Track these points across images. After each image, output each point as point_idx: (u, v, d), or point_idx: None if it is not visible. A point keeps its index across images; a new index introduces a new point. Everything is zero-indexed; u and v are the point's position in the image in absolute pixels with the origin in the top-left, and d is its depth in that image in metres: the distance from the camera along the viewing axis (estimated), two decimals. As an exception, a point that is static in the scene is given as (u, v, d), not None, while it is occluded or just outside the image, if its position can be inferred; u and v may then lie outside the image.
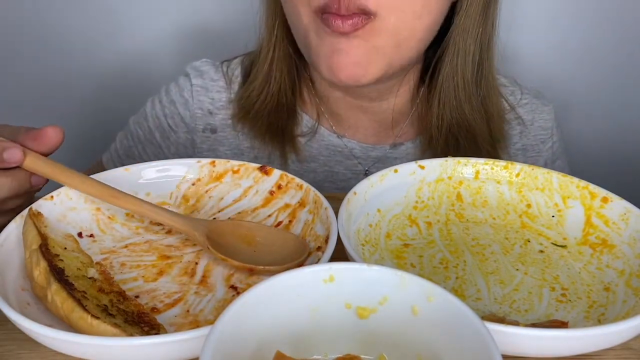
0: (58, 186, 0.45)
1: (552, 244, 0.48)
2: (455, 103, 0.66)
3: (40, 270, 0.37)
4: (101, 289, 0.39)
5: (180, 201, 0.51)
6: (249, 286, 0.33)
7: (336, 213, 0.43)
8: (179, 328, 0.37)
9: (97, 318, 0.33)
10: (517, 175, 0.52)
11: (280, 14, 0.65)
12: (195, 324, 0.38)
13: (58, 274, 0.37)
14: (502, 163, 0.52)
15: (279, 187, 0.50)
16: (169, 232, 0.47)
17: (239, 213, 0.50)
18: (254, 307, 0.28)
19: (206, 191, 0.51)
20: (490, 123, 0.69)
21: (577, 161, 0.83)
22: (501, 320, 0.36)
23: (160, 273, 0.43)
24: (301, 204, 0.48)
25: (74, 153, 0.90)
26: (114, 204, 0.44)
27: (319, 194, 0.46)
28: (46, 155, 0.45)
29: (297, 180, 0.49)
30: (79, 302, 0.35)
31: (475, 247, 0.47)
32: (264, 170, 0.51)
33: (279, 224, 0.48)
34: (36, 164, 0.43)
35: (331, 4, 0.54)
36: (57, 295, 0.35)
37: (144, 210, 0.44)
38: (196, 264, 0.44)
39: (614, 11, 0.98)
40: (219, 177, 0.52)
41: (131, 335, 0.33)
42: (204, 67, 0.74)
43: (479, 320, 0.27)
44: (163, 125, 0.73)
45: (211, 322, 0.30)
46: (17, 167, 0.43)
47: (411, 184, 0.51)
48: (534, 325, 0.36)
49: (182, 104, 0.73)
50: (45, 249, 0.39)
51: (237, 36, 0.74)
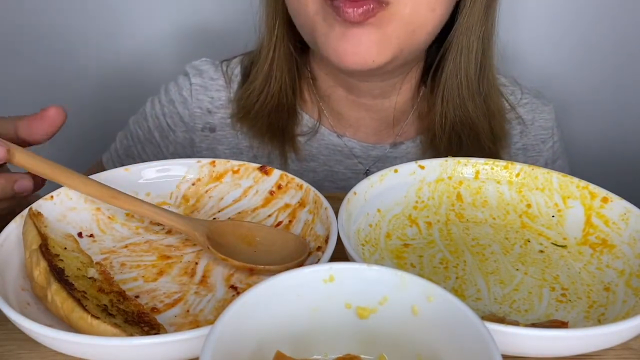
0: (58, 186, 0.45)
1: (552, 244, 0.48)
2: (459, 101, 0.66)
3: (40, 270, 0.37)
4: (101, 289, 0.39)
5: (180, 201, 0.51)
6: (249, 286, 0.33)
7: (336, 213, 0.43)
8: (179, 328, 0.37)
9: (97, 318, 0.33)
10: (517, 175, 0.52)
11: (281, 12, 0.65)
12: (195, 324, 0.38)
13: (58, 274, 0.37)
14: (502, 163, 0.52)
15: (279, 187, 0.50)
16: (169, 232, 0.47)
17: (239, 213, 0.50)
18: (254, 307, 0.28)
19: (206, 191, 0.51)
20: (492, 121, 0.69)
21: (577, 161, 0.83)
22: (501, 320, 0.36)
23: (160, 273, 0.43)
24: (301, 204, 0.48)
25: (74, 153, 0.91)
26: (114, 204, 0.44)
27: (319, 194, 0.46)
28: (49, 137, 0.44)
29: (297, 180, 0.49)
30: (79, 302, 0.35)
31: (475, 247, 0.47)
32: (264, 170, 0.51)
33: (279, 224, 0.48)
34: (37, 164, 0.43)
35: None
36: (57, 295, 0.35)
37: (144, 210, 0.44)
38: (196, 264, 0.44)
39: (614, 11, 0.98)
40: (219, 177, 0.52)
41: (131, 335, 0.33)
42: (204, 66, 0.74)
43: (479, 320, 0.27)
44: (162, 125, 0.73)
45: (211, 322, 0.30)
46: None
47: (411, 184, 0.51)
48: (534, 325, 0.36)
49: (180, 102, 0.73)
50: (45, 249, 0.39)
51: (237, 36, 0.74)
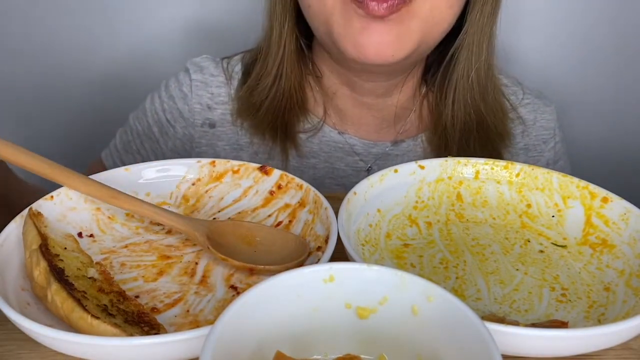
0: (58, 186, 0.45)
1: (552, 244, 0.48)
2: (470, 101, 0.67)
3: (40, 270, 0.37)
4: (101, 289, 0.39)
5: (180, 201, 0.51)
6: (249, 286, 0.33)
7: (336, 213, 0.43)
8: (179, 328, 0.37)
9: (97, 318, 0.33)
10: (517, 175, 0.52)
11: (291, 7, 0.66)
12: (195, 324, 0.38)
13: (58, 274, 0.37)
14: (502, 163, 0.52)
15: (279, 187, 0.50)
16: (169, 232, 0.47)
17: (239, 213, 0.50)
18: (254, 307, 0.28)
19: (206, 191, 0.51)
20: (497, 120, 0.70)
21: (577, 161, 0.83)
22: (501, 320, 0.36)
23: (160, 273, 0.43)
24: (301, 204, 0.48)
25: (74, 152, 0.90)
26: (113, 204, 0.44)
27: (319, 194, 0.46)
28: None
29: (297, 180, 0.49)
30: (79, 302, 0.35)
31: (475, 247, 0.47)
32: (264, 170, 0.51)
33: (279, 224, 0.48)
34: (37, 164, 0.42)
35: None
36: (57, 295, 0.35)
37: (144, 210, 0.44)
38: (196, 264, 0.44)
39: (614, 12, 0.98)
40: (219, 177, 0.52)
41: (131, 335, 0.33)
42: (204, 63, 0.74)
43: (479, 320, 0.27)
44: (161, 120, 0.73)
45: (211, 322, 0.30)
46: None
47: (411, 184, 0.51)
48: (534, 325, 0.36)
49: (180, 98, 0.73)
50: (45, 249, 0.39)
51: (238, 35, 0.74)
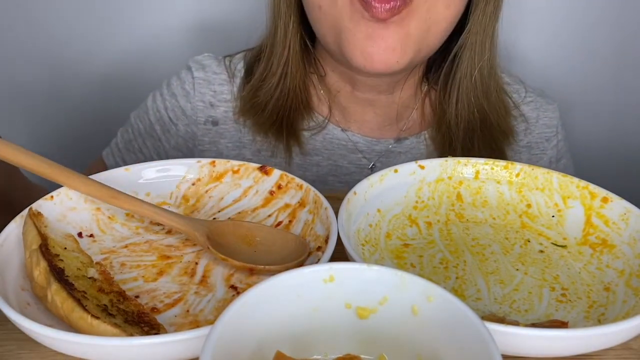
0: (58, 186, 0.45)
1: (552, 244, 0.48)
2: (474, 100, 0.68)
3: (40, 270, 0.37)
4: (101, 289, 0.39)
5: (180, 201, 0.51)
6: (249, 286, 0.33)
7: (336, 213, 0.43)
8: (179, 328, 0.37)
9: (97, 318, 0.33)
10: (517, 175, 0.52)
11: (295, 7, 0.66)
12: (195, 324, 0.38)
13: (58, 274, 0.37)
14: (502, 163, 0.52)
15: (279, 187, 0.50)
16: (169, 232, 0.47)
17: (239, 213, 0.50)
18: (254, 307, 0.28)
19: (206, 191, 0.51)
20: (498, 117, 0.70)
21: (577, 161, 0.83)
22: (501, 320, 0.36)
23: (160, 273, 0.43)
24: (301, 204, 0.48)
25: (74, 152, 0.91)
26: (113, 204, 0.44)
27: (319, 194, 0.46)
28: None
29: (297, 180, 0.49)
30: (79, 302, 0.35)
31: (475, 247, 0.47)
32: (264, 170, 0.51)
33: (279, 224, 0.48)
34: (37, 164, 0.42)
35: None
36: (57, 295, 0.35)
37: (144, 210, 0.44)
38: (196, 264, 0.44)
39: (615, 12, 0.98)
40: (219, 177, 0.52)
41: (131, 335, 0.33)
42: (206, 61, 0.74)
43: (479, 320, 0.27)
44: (164, 118, 0.73)
45: (211, 322, 0.30)
46: None
47: (411, 184, 0.51)
48: (534, 325, 0.36)
49: (183, 96, 0.73)
50: (45, 249, 0.39)
51: (240, 34, 0.74)
